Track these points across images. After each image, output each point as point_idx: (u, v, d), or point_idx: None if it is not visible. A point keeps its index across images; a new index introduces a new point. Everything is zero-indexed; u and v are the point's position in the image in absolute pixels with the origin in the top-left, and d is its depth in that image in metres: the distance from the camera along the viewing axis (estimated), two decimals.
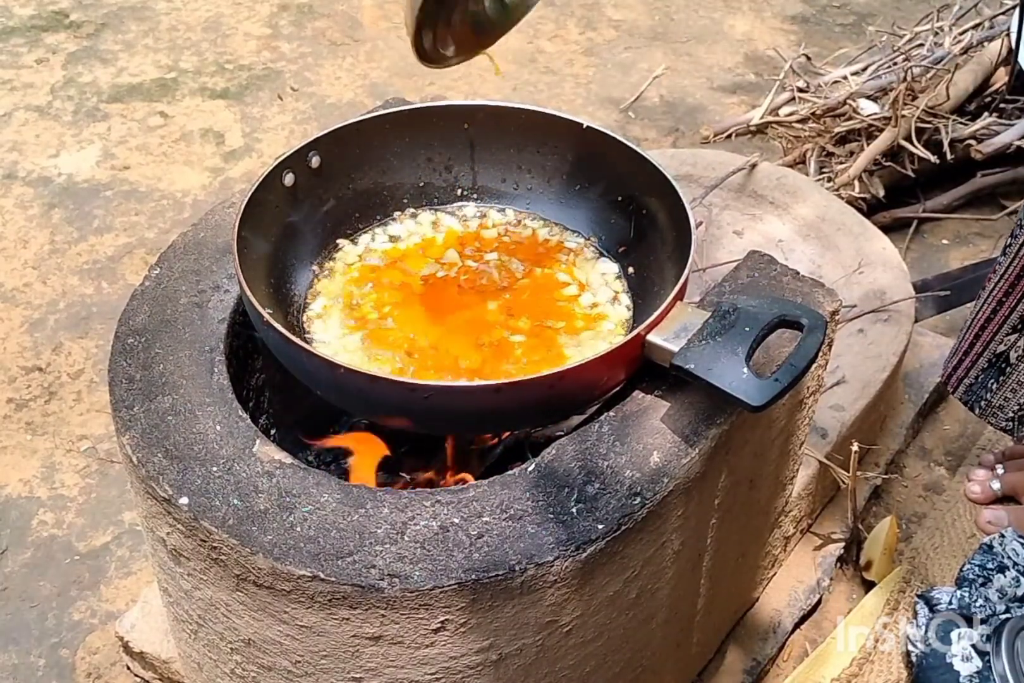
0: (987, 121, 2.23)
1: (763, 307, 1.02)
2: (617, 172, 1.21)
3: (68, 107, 2.66)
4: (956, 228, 2.31)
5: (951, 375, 1.35)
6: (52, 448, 1.83)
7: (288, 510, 0.95)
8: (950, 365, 1.36)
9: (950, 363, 1.37)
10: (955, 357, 1.36)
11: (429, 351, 1.10)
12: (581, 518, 0.94)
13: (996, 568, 1.46)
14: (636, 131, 2.60)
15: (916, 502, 1.72)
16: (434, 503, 0.96)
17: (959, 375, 1.34)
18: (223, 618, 1.02)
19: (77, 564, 1.65)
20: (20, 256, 2.22)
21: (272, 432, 1.25)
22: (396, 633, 0.92)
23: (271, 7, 3.07)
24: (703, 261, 1.69)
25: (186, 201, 2.37)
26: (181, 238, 1.23)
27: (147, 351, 1.09)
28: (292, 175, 1.16)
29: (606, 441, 1.01)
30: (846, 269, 1.71)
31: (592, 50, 2.91)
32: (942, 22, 2.54)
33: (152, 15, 3.02)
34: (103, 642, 1.53)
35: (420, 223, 1.27)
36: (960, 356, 1.33)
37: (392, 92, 2.68)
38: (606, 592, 1.00)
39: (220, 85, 2.75)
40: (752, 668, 1.43)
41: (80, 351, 2.00)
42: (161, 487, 0.97)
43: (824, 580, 1.54)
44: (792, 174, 1.91)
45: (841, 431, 1.51)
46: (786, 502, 1.39)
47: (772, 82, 2.60)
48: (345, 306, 1.16)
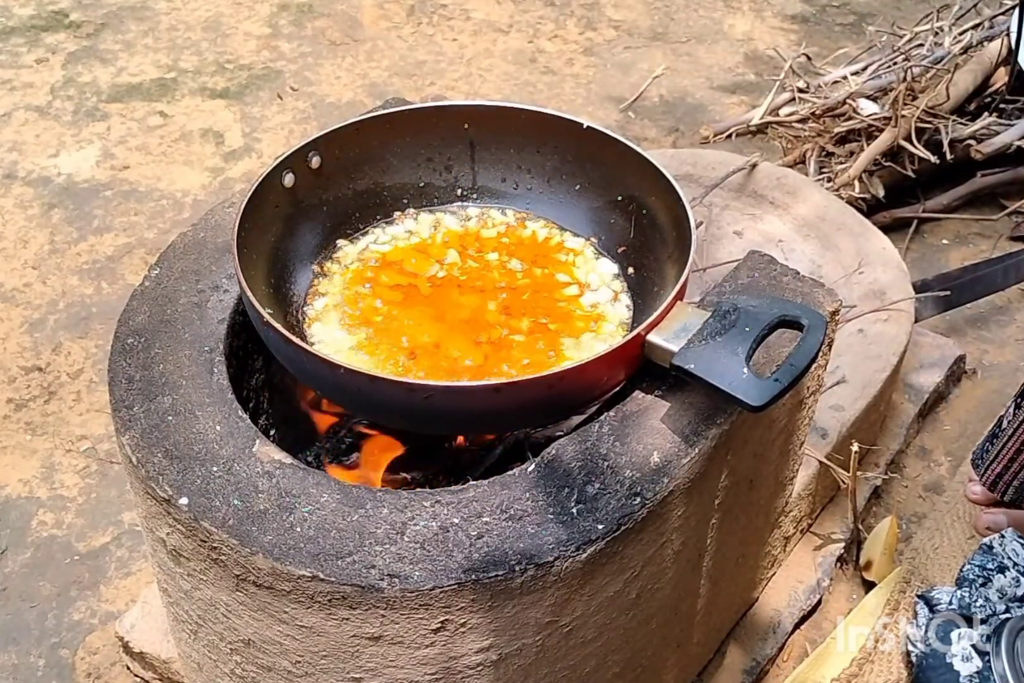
0: (987, 121, 2.23)
1: (763, 307, 1.02)
2: (617, 172, 1.21)
3: (68, 107, 2.66)
4: (956, 228, 2.31)
5: (996, 481, 1.35)
6: (52, 448, 1.83)
7: (288, 510, 0.95)
8: (993, 471, 1.36)
9: (992, 469, 1.36)
10: (998, 463, 1.35)
11: (429, 351, 1.10)
12: (581, 518, 0.94)
13: (996, 568, 1.45)
14: (636, 131, 2.60)
15: (916, 502, 1.72)
16: (434, 503, 0.96)
17: (1007, 480, 1.34)
18: (223, 618, 1.02)
19: (77, 564, 1.65)
20: (20, 256, 2.22)
21: (272, 432, 1.25)
22: (396, 633, 0.92)
23: (271, 7, 3.06)
24: (703, 261, 1.69)
25: (186, 201, 2.37)
26: (181, 238, 1.23)
27: (147, 351, 1.09)
28: (292, 175, 1.16)
29: (606, 441, 1.01)
30: (846, 269, 1.70)
31: (592, 50, 2.91)
32: (942, 22, 2.54)
33: (152, 15, 3.02)
34: (103, 642, 1.53)
35: (420, 223, 1.27)
36: (1005, 463, 1.34)
37: (392, 92, 2.68)
38: (606, 592, 1.00)
39: (220, 85, 2.75)
40: (752, 668, 1.43)
41: (80, 351, 2.00)
42: (161, 487, 0.97)
43: (824, 580, 1.54)
44: (792, 174, 1.91)
45: (841, 431, 1.51)
46: (786, 502, 1.39)
47: (772, 82, 2.60)
48: (345, 306, 1.16)
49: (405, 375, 1.07)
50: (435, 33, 2.97)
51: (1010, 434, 1.30)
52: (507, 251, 1.23)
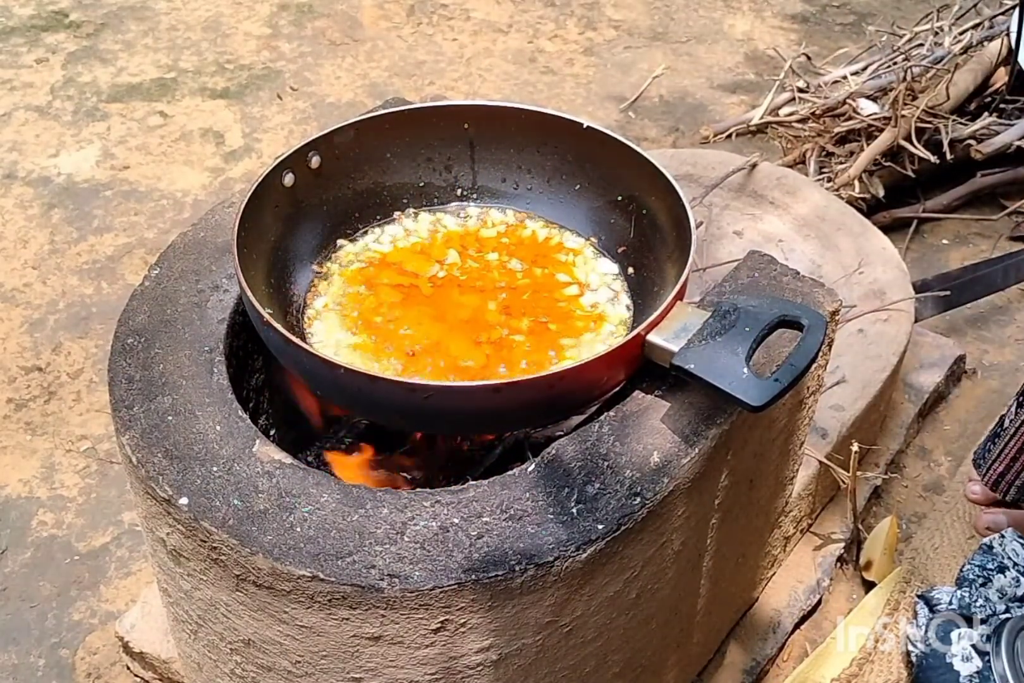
0: (987, 121, 2.23)
1: (763, 307, 1.02)
2: (617, 172, 1.21)
3: (68, 107, 2.66)
4: (956, 228, 2.31)
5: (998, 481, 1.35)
6: (52, 448, 1.83)
7: (288, 510, 0.95)
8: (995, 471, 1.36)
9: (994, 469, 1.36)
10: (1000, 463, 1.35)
11: (429, 351, 1.10)
12: (581, 518, 0.94)
13: (996, 568, 1.45)
14: (636, 131, 2.60)
15: (916, 502, 1.72)
16: (434, 503, 0.96)
17: (1008, 479, 1.34)
18: (223, 618, 1.02)
19: (77, 564, 1.65)
20: (20, 256, 2.22)
21: (272, 432, 1.25)
22: (396, 633, 0.92)
23: (271, 7, 3.06)
24: (703, 261, 1.69)
25: (186, 201, 2.37)
26: (181, 238, 1.23)
27: (147, 351, 1.09)
28: (292, 175, 1.16)
29: (606, 441, 1.01)
30: (846, 269, 1.70)
31: (592, 50, 2.91)
32: (942, 22, 2.54)
33: (152, 15, 3.02)
34: (103, 642, 1.53)
35: (420, 223, 1.27)
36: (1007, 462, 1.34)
37: (392, 92, 2.68)
38: (606, 592, 1.00)
39: (220, 85, 2.75)
40: (752, 668, 1.43)
41: (80, 351, 2.00)
42: (161, 487, 0.97)
43: (824, 580, 1.54)
44: (792, 174, 1.91)
45: (841, 431, 1.51)
46: (786, 502, 1.39)
47: (772, 82, 2.59)
48: (345, 306, 1.16)
49: (405, 375, 1.07)
50: (435, 33, 2.97)
51: (1012, 433, 1.30)
52: (507, 251, 1.23)
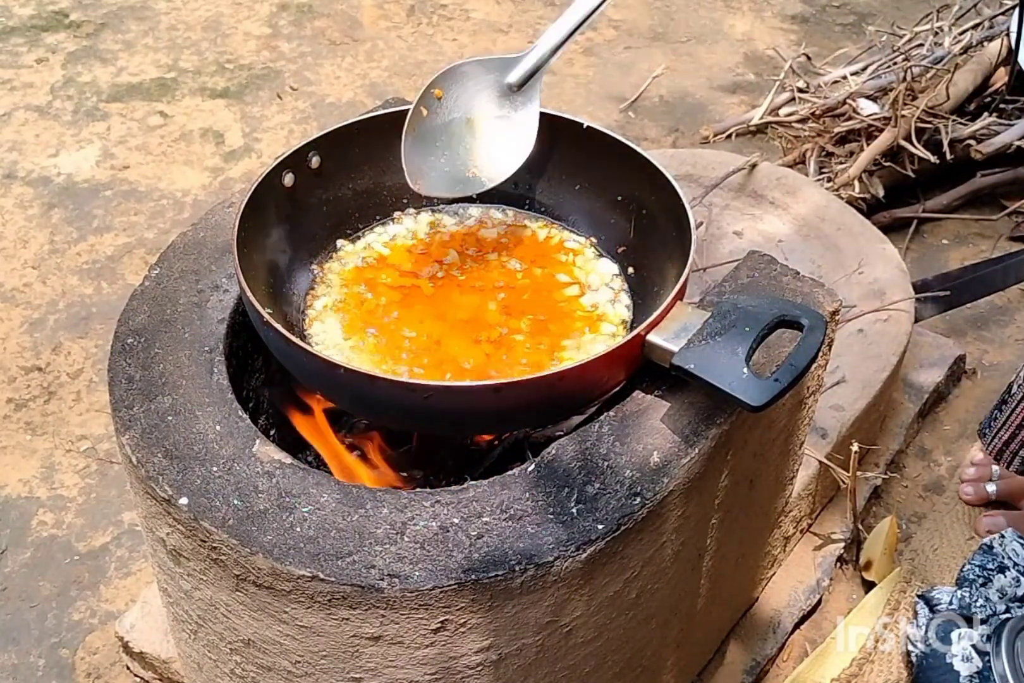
0: (987, 121, 2.23)
1: (763, 307, 1.02)
2: (617, 172, 1.21)
3: (68, 107, 2.66)
4: (956, 228, 2.31)
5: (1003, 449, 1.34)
6: (52, 448, 1.83)
7: (288, 510, 0.95)
8: (1000, 439, 1.35)
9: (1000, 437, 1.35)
10: (1006, 430, 1.34)
11: (429, 351, 1.10)
12: (581, 518, 0.94)
13: (996, 568, 1.46)
14: (636, 131, 2.60)
15: (916, 502, 1.72)
16: (434, 503, 0.96)
17: (1013, 448, 1.33)
18: (223, 618, 1.02)
19: (77, 564, 1.65)
20: (20, 256, 2.22)
21: (272, 432, 1.25)
22: (396, 633, 0.92)
23: (271, 7, 3.06)
24: (703, 261, 1.69)
25: (186, 201, 2.37)
26: (181, 238, 1.23)
27: (147, 351, 1.09)
28: (292, 175, 1.16)
29: (606, 441, 1.01)
30: (846, 269, 1.71)
31: (592, 50, 2.91)
32: (942, 22, 2.54)
33: (152, 15, 3.02)
34: (103, 642, 1.53)
35: (420, 223, 1.27)
36: (1013, 430, 1.32)
37: (392, 92, 2.68)
38: (606, 592, 1.00)
39: (220, 85, 2.75)
40: (752, 668, 1.43)
41: (80, 351, 2.00)
42: (161, 487, 0.97)
43: (824, 580, 1.54)
44: (792, 174, 1.91)
45: (841, 431, 1.51)
46: (786, 502, 1.39)
47: (772, 82, 2.60)
48: (345, 306, 1.16)
49: (405, 374, 1.07)
50: (435, 33, 2.97)
51: (1020, 399, 1.28)
52: (507, 251, 1.23)
